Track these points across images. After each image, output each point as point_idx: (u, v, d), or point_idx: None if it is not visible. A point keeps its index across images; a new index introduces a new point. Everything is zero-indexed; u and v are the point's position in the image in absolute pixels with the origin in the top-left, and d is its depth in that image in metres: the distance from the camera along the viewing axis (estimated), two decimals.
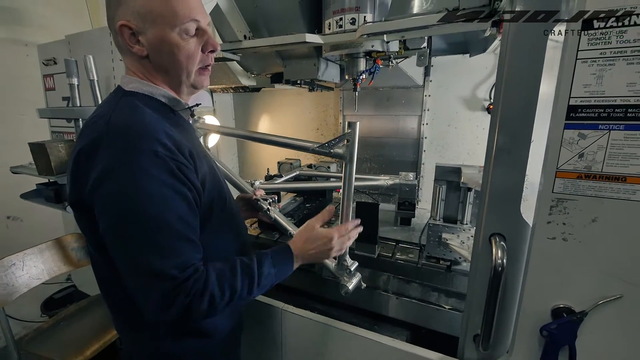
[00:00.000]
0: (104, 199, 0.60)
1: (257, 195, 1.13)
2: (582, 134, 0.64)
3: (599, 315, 0.67)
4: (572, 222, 0.67)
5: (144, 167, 0.59)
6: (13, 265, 1.17)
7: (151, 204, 0.59)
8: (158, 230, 0.59)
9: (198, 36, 0.70)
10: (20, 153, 1.85)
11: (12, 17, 2.01)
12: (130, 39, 0.67)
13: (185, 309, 0.61)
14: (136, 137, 0.60)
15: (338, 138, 0.86)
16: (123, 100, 0.68)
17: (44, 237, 1.49)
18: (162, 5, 0.64)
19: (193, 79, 0.73)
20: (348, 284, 0.95)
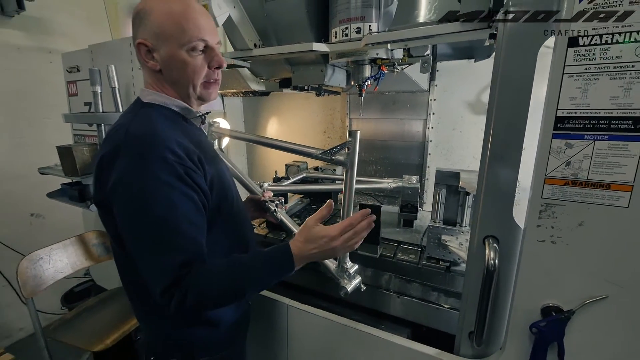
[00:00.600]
0: (120, 201, 0.69)
1: (265, 197, 1.19)
2: (569, 144, 0.68)
3: (586, 314, 0.71)
4: (560, 225, 0.71)
5: (154, 173, 0.66)
6: (41, 259, 1.26)
7: (159, 206, 0.66)
8: (165, 230, 0.67)
9: (206, 53, 0.77)
10: (44, 154, 1.97)
11: (38, 26, 2.14)
12: (147, 55, 0.76)
13: (184, 302, 0.67)
14: (149, 145, 0.68)
15: (339, 146, 0.90)
16: (141, 111, 0.77)
17: (64, 234, 1.59)
18: (173, 27, 0.72)
19: (199, 92, 0.80)
20: (347, 286, 0.98)
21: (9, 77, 2.06)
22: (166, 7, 0.73)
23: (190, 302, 0.67)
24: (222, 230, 0.82)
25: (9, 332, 2.20)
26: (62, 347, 1.27)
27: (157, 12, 0.73)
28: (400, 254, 1.26)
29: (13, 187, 2.13)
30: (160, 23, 0.72)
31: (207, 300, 0.70)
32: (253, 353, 1.29)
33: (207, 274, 0.70)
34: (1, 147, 2.08)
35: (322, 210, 0.83)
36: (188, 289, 0.67)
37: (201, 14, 0.76)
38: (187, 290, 0.66)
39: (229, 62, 1.61)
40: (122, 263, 0.83)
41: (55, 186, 1.76)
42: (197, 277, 0.68)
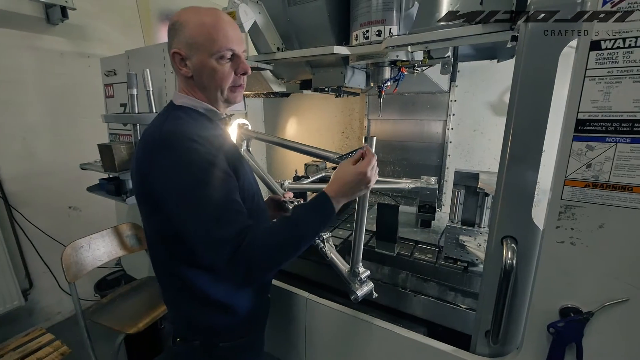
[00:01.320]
0: (167, 189, 0.75)
1: (285, 197, 1.25)
2: (590, 146, 0.68)
3: (606, 316, 0.71)
4: (580, 227, 0.71)
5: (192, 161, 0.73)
6: (82, 247, 1.38)
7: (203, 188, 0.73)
8: (212, 207, 0.73)
9: (233, 61, 0.84)
10: (81, 151, 2.13)
11: (78, 32, 2.30)
12: (180, 63, 0.83)
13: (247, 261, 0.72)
14: (180, 138, 0.76)
15: (355, 151, 0.92)
16: (173, 112, 0.85)
17: (98, 226, 1.71)
18: (204, 37, 0.79)
19: (226, 95, 0.87)
20: (358, 291, 0.99)
21: (53, 80, 2.24)
22: (198, 19, 0.80)
23: (255, 263, 0.72)
24: None
25: (48, 315, 2.38)
26: (96, 329, 1.39)
27: (190, 24, 0.80)
28: (417, 253, 1.28)
29: (53, 182, 2.31)
30: (192, 34, 0.79)
31: (268, 258, 0.74)
32: (273, 343, 1.36)
33: (261, 235, 0.75)
34: (44, 145, 2.26)
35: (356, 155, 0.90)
36: (249, 252, 0.71)
37: (229, 24, 0.83)
38: (249, 254, 0.71)
39: (253, 65, 1.68)
40: (156, 251, 0.91)
41: (91, 181, 1.91)
42: (253, 241, 0.73)
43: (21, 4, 2.02)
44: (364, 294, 1.00)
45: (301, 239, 0.79)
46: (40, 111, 2.21)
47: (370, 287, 1.03)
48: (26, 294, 2.19)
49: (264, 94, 2.16)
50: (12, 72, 2.06)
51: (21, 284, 2.15)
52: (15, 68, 2.07)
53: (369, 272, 1.03)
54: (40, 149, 2.24)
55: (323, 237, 1.18)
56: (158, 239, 0.87)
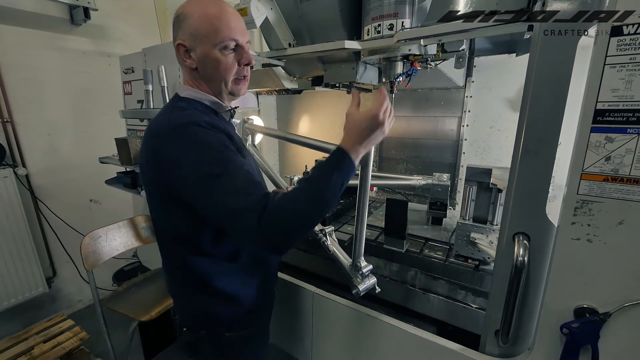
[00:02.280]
0: (183, 175, 0.74)
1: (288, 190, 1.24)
2: (609, 138, 0.65)
3: (624, 318, 0.68)
4: (597, 223, 0.68)
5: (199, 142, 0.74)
6: (100, 237, 1.44)
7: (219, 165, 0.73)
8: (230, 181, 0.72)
9: (236, 52, 0.84)
10: (101, 146, 2.22)
11: (99, 32, 2.40)
12: (185, 55, 0.84)
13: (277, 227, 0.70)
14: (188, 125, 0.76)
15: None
16: (178, 104, 0.86)
17: (116, 218, 1.77)
18: (208, 28, 0.79)
19: (230, 87, 0.87)
20: (359, 286, 0.98)
21: (76, 79, 2.34)
22: (202, 10, 0.80)
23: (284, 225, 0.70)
24: None
25: (70, 302, 2.50)
26: (113, 317, 1.44)
27: (194, 15, 0.80)
28: (427, 250, 1.26)
29: (75, 176, 2.41)
30: (196, 25, 0.80)
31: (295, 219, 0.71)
32: (280, 336, 1.37)
33: (284, 198, 0.72)
34: (67, 140, 2.36)
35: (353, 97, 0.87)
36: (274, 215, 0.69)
37: (233, 15, 0.83)
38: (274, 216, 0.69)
39: (265, 61, 1.70)
40: (163, 241, 0.93)
41: (110, 175, 1.98)
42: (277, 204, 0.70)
43: (47, 5, 2.12)
44: (366, 288, 0.99)
45: (324, 197, 0.74)
46: (64, 108, 2.32)
47: (373, 282, 1.01)
48: (50, 282, 2.30)
49: (276, 91, 2.18)
50: (39, 71, 2.17)
51: (45, 272, 2.27)
52: (42, 67, 2.18)
53: (371, 266, 1.01)
54: (63, 145, 2.34)
55: (326, 230, 1.18)
56: (165, 228, 0.89)
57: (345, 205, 1.74)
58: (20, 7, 2.03)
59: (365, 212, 0.98)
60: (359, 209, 0.98)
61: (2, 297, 2.01)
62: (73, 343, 1.67)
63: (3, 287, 2.00)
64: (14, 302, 2.05)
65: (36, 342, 1.68)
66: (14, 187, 2.03)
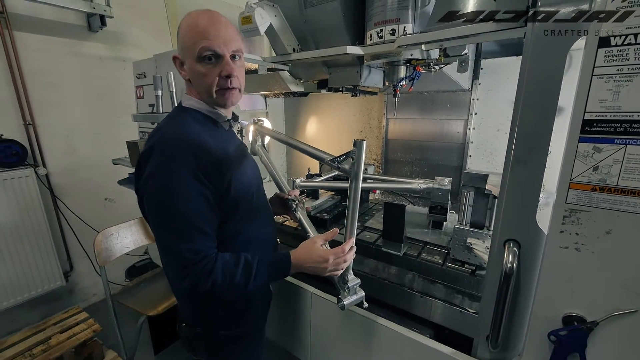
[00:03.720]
0: (148, 192, 0.79)
1: (290, 195, 1.27)
2: (597, 148, 0.65)
3: (612, 327, 0.68)
4: (586, 232, 0.68)
5: (177, 172, 0.76)
6: (112, 235, 1.52)
7: (178, 201, 0.76)
8: (180, 221, 0.77)
9: (218, 63, 0.82)
10: (116, 148, 2.32)
11: (115, 39, 2.50)
12: (180, 67, 0.87)
13: (194, 284, 0.77)
14: (176, 148, 0.78)
15: (345, 154, 0.89)
16: (178, 115, 0.88)
17: (129, 216, 1.85)
18: (189, 40, 0.80)
19: (215, 99, 0.86)
20: (345, 300, 0.96)
21: (92, 83, 2.45)
22: (187, 22, 0.81)
23: (202, 289, 0.77)
24: (243, 221, 0.92)
25: (85, 296, 2.62)
26: (124, 311, 1.52)
27: (182, 28, 0.82)
28: (425, 254, 1.27)
29: (92, 175, 2.53)
30: (182, 38, 0.82)
31: (217, 288, 0.79)
32: (278, 334, 1.41)
33: (218, 268, 0.79)
34: (84, 142, 2.48)
35: (327, 234, 0.98)
36: (200, 278, 0.77)
37: (214, 25, 0.80)
38: (199, 280, 0.77)
39: (270, 66, 1.74)
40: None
41: (123, 176, 2.07)
42: (209, 270, 0.77)
43: (67, 13, 2.23)
44: (351, 303, 0.97)
45: (249, 286, 0.82)
46: (82, 111, 2.43)
47: (360, 297, 0.99)
48: (67, 276, 2.42)
49: (283, 94, 2.22)
50: (58, 76, 2.28)
51: (63, 266, 2.39)
52: (61, 72, 2.29)
53: (358, 280, 0.99)
54: (81, 146, 2.46)
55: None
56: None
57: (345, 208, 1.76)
58: (42, 16, 2.15)
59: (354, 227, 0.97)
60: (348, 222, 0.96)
61: (23, 289, 2.14)
62: (87, 334, 1.76)
63: (24, 280, 2.13)
64: (33, 294, 2.17)
65: (53, 333, 1.79)
66: (35, 186, 2.15)
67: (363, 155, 0.86)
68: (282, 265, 0.89)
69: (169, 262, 0.83)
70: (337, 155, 0.90)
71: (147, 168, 0.79)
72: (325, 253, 0.91)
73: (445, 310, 1.16)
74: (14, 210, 2.07)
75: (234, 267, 0.81)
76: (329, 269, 0.91)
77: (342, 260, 0.92)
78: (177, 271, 0.78)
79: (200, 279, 0.77)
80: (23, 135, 2.16)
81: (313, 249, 0.92)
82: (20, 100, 2.11)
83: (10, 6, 2.01)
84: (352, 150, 0.86)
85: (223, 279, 0.79)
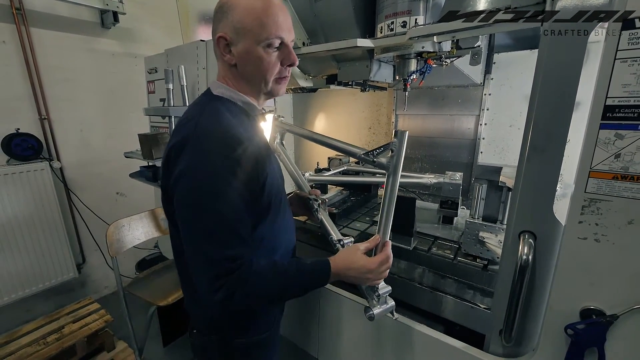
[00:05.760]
0: (182, 190, 0.71)
1: (311, 194, 1.18)
2: (619, 134, 0.63)
3: (633, 320, 0.65)
4: (606, 223, 0.66)
5: (216, 169, 0.69)
6: (123, 226, 1.54)
7: (217, 202, 0.68)
8: (219, 225, 0.69)
9: (280, 50, 0.77)
10: (128, 142, 2.35)
11: (127, 35, 2.54)
12: (224, 49, 0.77)
13: (229, 296, 0.69)
14: (215, 141, 0.71)
15: (383, 147, 0.82)
16: (210, 104, 0.80)
17: (140, 209, 1.88)
18: (254, 22, 0.73)
19: (270, 87, 0.81)
20: (374, 309, 0.86)
21: (105, 79, 2.50)
22: (248, 2, 0.73)
23: (237, 301, 0.70)
24: (268, 228, 0.84)
25: (97, 288, 2.67)
26: (134, 302, 1.54)
27: (240, 8, 0.73)
28: (435, 248, 1.25)
29: (104, 170, 2.58)
30: (241, 18, 0.73)
31: (252, 300, 0.73)
32: (287, 328, 1.41)
33: (254, 277, 0.71)
34: (97, 137, 2.53)
35: (370, 242, 0.88)
36: (236, 288, 0.69)
37: (281, 10, 0.76)
38: (234, 290, 0.69)
39: None
40: (176, 244, 0.87)
41: (135, 169, 2.10)
42: (245, 279, 0.70)
43: (81, 10, 2.28)
44: (381, 313, 0.87)
45: (287, 294, 0.78)
46: (95, 106, 2.48)
47: (391, 306, 0.90)
48: (80, 268, 2.47)
49: (292, 89, 2.22)
50: (73, 72, 2.33)
51: (76, 258, 2.44)
52: (75, 68, 2.34)
53: (389, 288, 0.88)
54: (94, 140, 2.51)
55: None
56: (177, 230, 0.80)
57: (354, 203, 1.75)
58: (57, 12, 2.19)
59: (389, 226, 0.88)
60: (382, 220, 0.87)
61: (37, 280, 2.19)
62: (99, 324, 1.80)
63: (38, 271, 2.18)
64: (47, 285, 2.23)
65: (66, 322, 1.83)
66: (50, 179, 2.20)
67: (404, 147, 0.80)
68: (321, 275, 0.81)
69: (201, 271, 0.72)
70: (373, 149, 0.84)
71: (179, 163, 0.71)
72: (369, 262, 0.83)
73: (456, 305, 1.14)
74: (30, 203, 2.12)
75: (272, 276, 0.74)
76: (372, 279, 0.84)
77: (386, 267, 0.85)
78: (210, 281, 0.69)
79: (236, 289, 0.69)
80: (38, 130, 2.21)
81: (355, 257, 0.84)
82: (36, 95, 2.16)
83: (27, 3, 2.06)
84: (392, 142, 0.80)
85: (260, 289, 0.73)
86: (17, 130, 2.09)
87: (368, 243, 0.87)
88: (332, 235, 1.06)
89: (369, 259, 0.84)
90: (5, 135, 2.05)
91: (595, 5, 0.64)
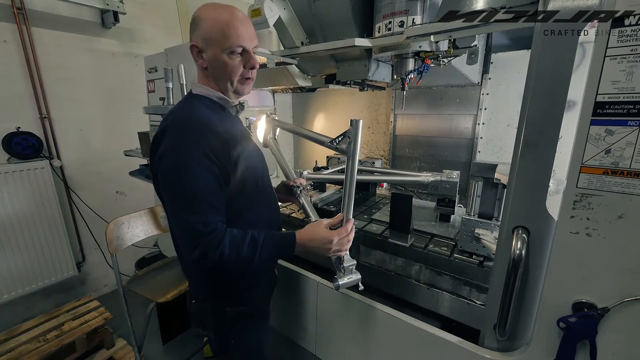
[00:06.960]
0: (162, 170, 0.85)
1: (295, 182, 1.33)
2: (610, 130, 0.64)
3: (623, 313, 0.67)
4: (597, 217, 0.67)
5: (188, 150, 0.82)
6: (123, 224, 1.55)
7: (189, 176, 0.82)
8: (191, 195, 0.83)
9: (243, 56, 0.91)
10: (128, 142, 2.37)
11: (127, 35, 2.56)
12: (197, 55, 0.92)
13: (203, 255, 0.82)
14: (187, 129, 0.85)
15: (342, 135, 0.94)
16: (189, 101, 0.95)
17: (140, 208, 1.90)
18: (218, 34, 0.86)
19: (235, 87, 0.95)
20: (340, 280, 0.97)
21: (106, 78, 2.51)
22: (214, 16, 0.87)
23: (210, 260, 0.82)
24: (247, 201, 0.98)
25: (97, 286, 2.68)
26: (134, 299, 1.55)
27: (207, 21, 0.87)
28: (432, 245, 1.26)
29: (104, 169, 2.59)
30: (208, 30, 0.87)
31: (224, 260, 0.84)
32: (285, 323, 1.42)
33: (226, 240, 0.84)
34: (97, 136, 2.54)
35: (334, 219, 0.99)
36: (208, 249, 0.82)
37: (242, 22, 0.89)
38: (207, 250, 0.82)
39: (279, 59, 1.75)
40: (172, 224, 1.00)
41: (134, 168, 2.12)
42: (218, 242, 0.83)
43: (82, 10, 2.29)
44: (346, 284, 0.98)
45: (255, 260, 0.87)
46: (95, 105, 2.50)
47: (356, 279, 1.00)
48: (79, 266, 2.48)
49: (291, 89, 2.23)
50: (73, 71, 2.34)
51: (76, 256, 2.45)
52: (76, 67, 2.35)
53: (354, 262, 1.00)
54: (94, 139, 2.52)
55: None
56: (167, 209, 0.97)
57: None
58: (58, 12, 2.21)
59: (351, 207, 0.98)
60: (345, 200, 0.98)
61: (37, 278, 2.20)
62: (98, 322, 1.81)
63: (38, 269, 2.19)
64: (47, 282, 2.24)
65: (66, 320, 1.84)
66: (50, 177, 2.22)
67: (359, 134, 0.89)
68: (287, 243, 0.93)
69: (180, 234, 0.88)
70: (335, 137, 0.95)
71: (160, 147, 0.86)
72: (329, 234, 0.94)
73: (453, 302, 1.15)
74: (30, 201, 2.13)
75: (241, 241, 0.86)
76: (332, 249, 0.94)
77: (345, 240, 0.95)
78: (187, 242, 0.84)
79: (209, 250, 0.82)
80: (39, 128, 2.22)
81: (318, 230, 0.95)
82: (36, 94, 2.17)
83: (28, 3, 2.07)
84: (348, 130, 0.89)
85: (230, 251, 0.84)
86: (18, 128, 2.11)
87: (332, 220, 1.00)
88: (311, 217, 1.21)
89: (329, 231, 0.95)
90: (6, 134, 2.06)
91: (586, 5, 0.65)
